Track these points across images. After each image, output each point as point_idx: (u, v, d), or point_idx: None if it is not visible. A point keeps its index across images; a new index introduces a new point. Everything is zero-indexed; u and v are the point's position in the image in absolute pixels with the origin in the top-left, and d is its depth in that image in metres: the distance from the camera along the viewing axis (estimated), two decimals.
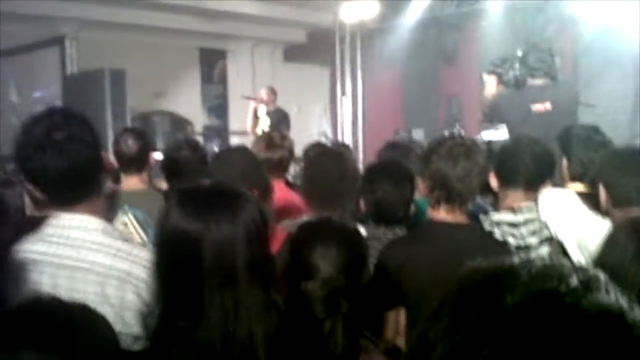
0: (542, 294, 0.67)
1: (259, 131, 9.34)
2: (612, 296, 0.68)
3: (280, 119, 9.39)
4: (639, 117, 9.42)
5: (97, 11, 11.69)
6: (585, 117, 10.15)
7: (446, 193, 2.58)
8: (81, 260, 1.98)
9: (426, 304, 0.76)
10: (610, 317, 0.66)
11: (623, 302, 0.68)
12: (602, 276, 0.71)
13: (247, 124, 10.14)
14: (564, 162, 3.38)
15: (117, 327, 1.72)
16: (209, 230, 1.63)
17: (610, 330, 0.65)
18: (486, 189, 3.09)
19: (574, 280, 0.68)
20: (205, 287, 1.61)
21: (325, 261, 1.97)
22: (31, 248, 2.04)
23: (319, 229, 2.16)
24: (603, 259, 1.66)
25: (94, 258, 1.97)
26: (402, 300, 2.54)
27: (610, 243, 1.68)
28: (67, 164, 1.96)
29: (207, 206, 1.68)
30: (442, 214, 2.64)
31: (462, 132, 11.51)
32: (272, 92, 9.94)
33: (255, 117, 9.83)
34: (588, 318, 0.65)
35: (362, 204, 3.33)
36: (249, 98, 10.22)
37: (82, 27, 11.89)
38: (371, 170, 3.44)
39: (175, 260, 1.67)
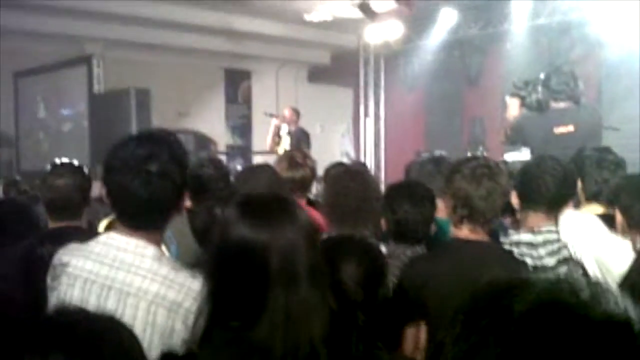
0: (551, 303, 0.70)
1: (279, 150, 9.38)
2: (621, 308, 0.71)
3: (300, 138, 9.44)
4: None
5: (124, 31, 11.89)
6: (610, 141, 10.12)
7: (469, 212, 2.62)
8: (133, 286, 1.98)
9: (447, 319, 0.79)
10: (617, 326, 0.68)
11: (632, 313, 0.70)
12: (612, 290, 0.73)
13: (267, 141, 10.19)
14: (579, 183, 3.41)
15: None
16: (276, 237, 1.70)
17: (616, 339, 0.67)
18: (508, 209, 3.10)
19: (585, 293, 0.70)
20: (270, 290, 1.67)
21: (344, 275, 2.02)
22: (80, 265, 2.05)
23: (339, 244, 2.21)
24: (631, 277, 1.68)
25: (147, 286, 1.98)
26: (423, 316, 2.56)
27: (638, 262, 1.70)
28: (149, 196, 2.02)
29: (271, 215, 1.76)
30: (465, 232, 2.67)
31: (485, 154, 11.55)
32: (295, 112, 10.00)
33: (277, 136, 9.88)
34: (595, 327, 0.67)
35: (383, 222, 3.35)
36: (271, 115, 10.28)
37: (108, 47, 12.08)
38: (392, 189, 3.48)
39: (239, 267, 1.73)
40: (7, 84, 12.18)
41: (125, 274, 1.99)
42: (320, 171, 5.02)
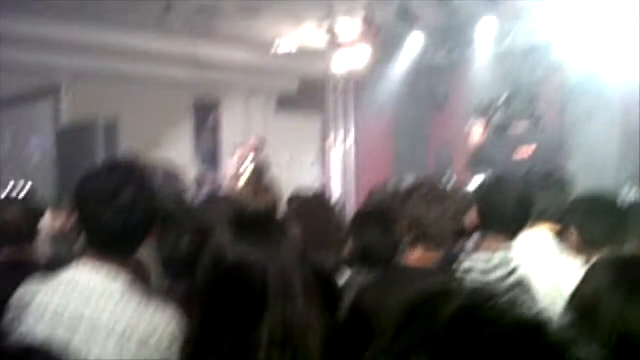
0: (469, 309, 0.77)
1: (241, 180, 9.54)
2: (534, 312, 0.78)
3: (262, 169, 9.56)
4: (626, 162, 9.51)
5: (91, 62, 11.86)
6: (573, 163, 10.32)
7: (422, 236, 2.65)
8: (102, 319, 1.97)
9: None
10: (527, 327, 0.75)
11: (544, 316, 0.77)
12: (529, 297, 0.80)
13: (230, 172, 10.37)
14: None
15: None
16: (273, 256, 1.74)
17: (525, 341, 0.73)
18: (464, 232, 3.14)
19: (502, 300, 0.76)
20: (268, 309, 1.69)
21: None
22: (47, 299, 2.02)
23: None
24: (581, 289, 1.71)
25: (116, 318, 1.96)
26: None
27: (587, 276, 1.74)
28: (120, 226, 2.05)
29: (267, 234, 1.80)
30: (418, 254, 2.71)
31: (454, 178, 11.64)
32: (261, 142, 10.18)
33: (240, 166, 10.03)
34: (506, 329, 0.74)
35: (349, 248, 3.37)
36: (238, 147, 10.43)
37: (76, 79, 12.04)
38: (360, 214, 3.54)
39: (238, 287, 1.74)
40: None
41: (95, 304, 1.98)
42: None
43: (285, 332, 1.67)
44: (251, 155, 9.99)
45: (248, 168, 9.87)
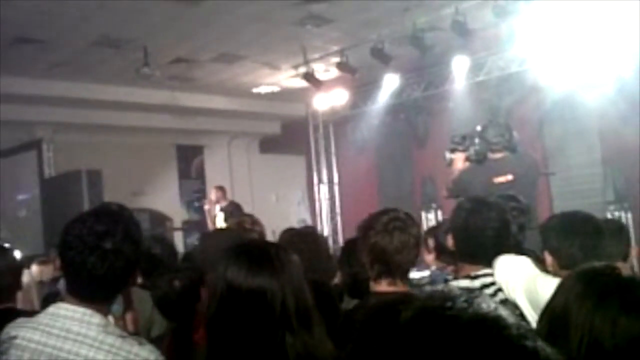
0: (429, 309, 0.79)
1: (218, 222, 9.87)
2: (492, 308, 0.82)
3: (233, 210, 9.68)
4: (611, 183, 9.62)
5: (72, 114, 11.95)
6: (556, 189, 10.44)
7: (386, 266, 2.65)
8: (79, 355, 2.00)
9: None
10: (485, 323, 0.78)
11: (502, 312, 0.81)
12: (487, 296, 0.83)
13: (208, 225, 10.59)
14: None
15: None
16: (278, 282, 1.79)
17: (483, 334, 0.77)
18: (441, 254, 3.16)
19: (459, 300, 0.80)
20: (288, 334, 1.74)
21: None
22: (28, 336, 2.05)
23: None
24: (552, 302, 1.74)
25: (92, 355, 1.99)
26: None
27: (558, 289, 1.77)
28: (104, 272, 2.07)
29: (274, 261, 1.85)
30: (383, 286, 2.69)
31: (439, 212, 11.72)
32: (219, 189, 10.42)
33: (213, 217, 10.29)
34: (464, 325, 0.78)
35: (338, 277, 3.39)
36: (201, 204, 11.03)
37: (57, 131, 12.11)
38: (349, 243, 3.50)
39: (246, 313, 1.79)
40: None
41: (72, 343, 2.01)
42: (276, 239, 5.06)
43: (306, 357, 1.73)
44: (217, 205, 10.21)
45: (218, 216, 10.05)
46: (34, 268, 6.18)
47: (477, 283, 2.96)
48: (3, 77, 10.50)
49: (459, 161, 5.58)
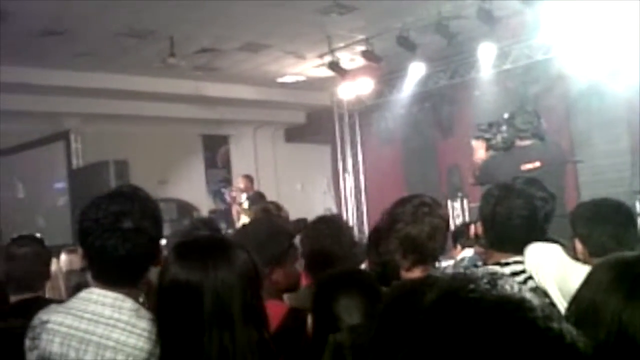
0: (452, 292, 0.78)
1: (243, 217, 9.72)
2: (516, 290, 0.80)
3: (257, 199, 9.69)
4: (638, 172, 9.49)
5: (99, 105, 12.05)
6: (583, 177, 10.34)
7: (419, 255, 2.60)
8: (111, 339, 1.99)
9: None
10: (509, 306, 0.77)
11: (526, 294, 0.78)
12: (510, 279, 0.82)
13: (233, 213, 10.60)
14: None
15: None
16: (208, 278, 1.75)
17: (507, 317, 0.76)
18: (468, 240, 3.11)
19: (483, 282, 0.79)
20: (206, 331, 1.72)
21: (349, 311, 2.03)
22: (60, 321, 2.05)
23: (339, 280, 2.21)
24: (581, 290, 1.71)
25: (124, 339, 1.99)
26: None
27: (588, 278, 1.74)
28: (126, 252, 2.04)
29: (204, 256, 1.82)
30: (416, 274, 2.64)
31: (465, 200, 11.66)
32: (247, 178, 10.37)
33: (239, 205, 10.20)
34: (488, 307, 0.77)
35: (365, 265, 3.36)
36: (230, 193, 10.95)
37: (85, 121, 12.22)
38: (376, 232, 3.41)
39: (177, 307, 1.78)
40: None
41: (104, 327, 2.00)
42: None
43: (221, 355, 1.71)
44: (243, 194, 10.18)
45: (244, 205, 10.04)
46: (63, 257, 6.23)
47: (507, 270, 2.92)
48: (31, 68, 10.63)
49: (480, 150, 5.53)
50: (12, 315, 2.92)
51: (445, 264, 3.74)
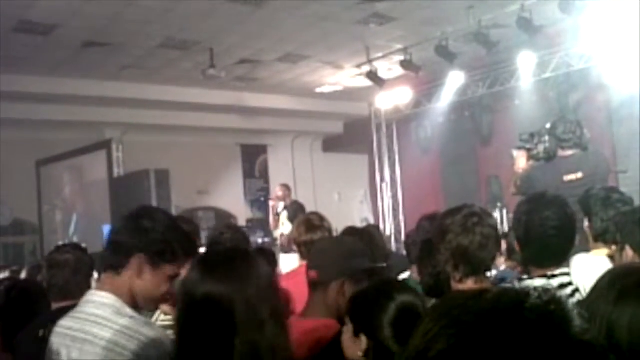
0: (501, 307, 0.80)
1: (281, 227, 9.85)
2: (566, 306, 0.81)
3: (297, 210, 9.71)
4: None
5: (141, 115, 12.25)
6: (625, 187, 10.14)
7: (471, 266, 2.59)
8: (89, 333, 2.13)
9: None
10: (553, 321, 0.78)
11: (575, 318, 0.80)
12: (558, 290, 0.83)
13: (270, 222, 10.63)
14: (586, 223, 3.41)
15: None
16: (239, 289, 1.82)
17: (552, 332, 0.77)
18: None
19: (533, 297, 0.80)
20: (238, 337, 1.78)
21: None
22: (63, 324, 2.23)
23: (377, 291, 2.25)
24: (586, 298, 1.72)
25: (99, 332, 2.11)
26: None
27: (593, 285, 1.74)
28: (112, 236, 2.27)
29: (233, 269, 1.89)
30: (469, 285, 2.62)
31: (505, 211, 11.56)
32: (285, 187, 10.39)
33: (276, 215, 10.23)
34: (530, 324, 0.77)
35: (416, 276, 3.33)
36: (267, 200, 11.04)
37: (127, 131, 12.42)
38: (428, 243, 3.25)
39: (207, 321, 1.83)
40: (29, 172, 12.49)
41: (90, 324, 2.15)
42: None
43: (254, 354, 1.77)
44: (282, 203, 10.22)
45: (282, 215, 10.08)
46: None
47: (554, 283, 2.87)
48: (74, 79, 10.85)
49: (523, 159, 5.48)
50: (53, 322, 2.99)
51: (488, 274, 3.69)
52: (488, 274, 2.83)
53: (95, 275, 5.23)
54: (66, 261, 3.32)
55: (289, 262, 7.45)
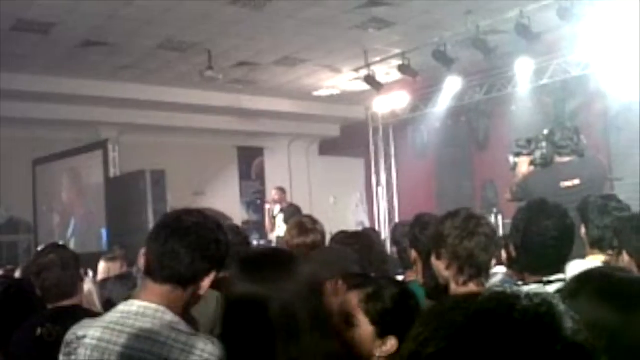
0: (489, 309, 0.81)
1: (277, 230, 9.85)
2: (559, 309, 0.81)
3: (293, 212, 9.71)
4: None
5: (137, 116, 12.24)
6: (622, 195, 10.16)
7: (476, 269, 2.57)
8: (153, 354, 1.96)
9: None
10: (544, 322, 0.78)
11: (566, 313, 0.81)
12: (552, 298, 0.83)
13: (266, 225, 10.67)
14: (582, 229, 3.41)
15: None
16: (275, 290, 1.79)
17: (541, 333, 0.78)
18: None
19: (521, 300, 0.81)
20: (274, 342, 1.75)
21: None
22: (98, 336, 2.03)
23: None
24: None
25: (166, 354, 1.95)
26: None
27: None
28: (187, 250, 2.02)
29: (270, 269, 1.86)
30: (471, 288, 2.58)
31: (499, 216, 11.56)
32: (280, 190, 10.41)
33: (272, 217, 10.26)
34: (517, 323, 0.78)
35: (420, 278, 3.33)
36: (263, 202, 10.96)
37: (123, 131, 12.40)
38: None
39: (244, 322, 1.82)
40: (25, 171, 12.45)
41: (144, 341, 1.98)
42: None
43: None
44: (277, 206, 10.22)
45: (277, 217, 10.07)
46: (102, 265, 6.30)
47: (550, 289, 2.85)
48: (71, 79, 10.83)
49: (523, 165, 5.48)
50: (48, 322, 2.98)
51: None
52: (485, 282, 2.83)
53: (90, 274, 5.20)
54: (51, 261, 3.29)
55: None
